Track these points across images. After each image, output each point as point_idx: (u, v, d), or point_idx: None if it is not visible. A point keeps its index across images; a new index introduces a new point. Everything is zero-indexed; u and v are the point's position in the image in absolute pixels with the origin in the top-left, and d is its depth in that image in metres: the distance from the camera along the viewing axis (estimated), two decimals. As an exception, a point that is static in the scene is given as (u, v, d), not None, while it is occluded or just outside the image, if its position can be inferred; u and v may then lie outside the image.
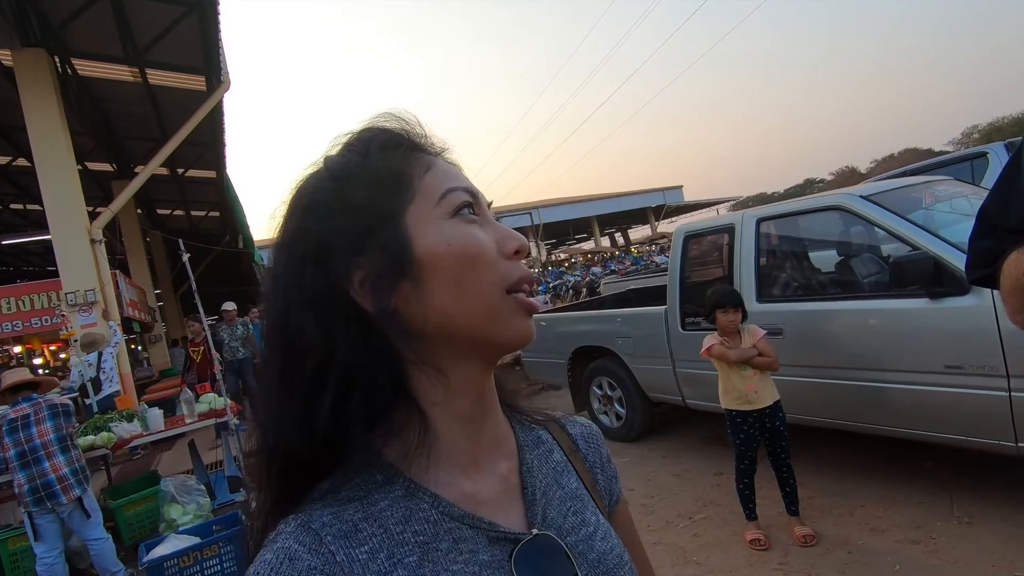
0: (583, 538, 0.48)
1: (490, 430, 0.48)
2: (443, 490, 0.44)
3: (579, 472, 0.54)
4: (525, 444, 0.52)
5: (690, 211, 36.43)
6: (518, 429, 0.53)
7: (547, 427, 0.56)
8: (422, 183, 0.45)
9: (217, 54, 6.81)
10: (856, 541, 2.55)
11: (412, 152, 0.47)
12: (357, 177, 0.45)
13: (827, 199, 3.15)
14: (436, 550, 0.41)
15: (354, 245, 0.43)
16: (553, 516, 0.48)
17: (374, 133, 0.48)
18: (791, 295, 3.23)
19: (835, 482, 3.09)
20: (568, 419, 0.60)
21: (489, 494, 0.46)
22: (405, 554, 0.40)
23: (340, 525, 0.40)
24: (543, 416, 0.57)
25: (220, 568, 3.29)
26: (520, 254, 0.46)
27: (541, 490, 0.49)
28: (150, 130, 8.90)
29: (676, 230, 4.05)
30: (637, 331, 4.15)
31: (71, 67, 7.02)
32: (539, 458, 0.52)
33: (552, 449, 0.54)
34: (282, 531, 0.40)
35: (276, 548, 0.39)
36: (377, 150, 0.46)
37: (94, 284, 5.86)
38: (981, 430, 2.46)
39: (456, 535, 0.42)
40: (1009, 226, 0.67)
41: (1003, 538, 2.35)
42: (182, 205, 13.50)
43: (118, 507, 3.86)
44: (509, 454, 0.50)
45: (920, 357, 2.59)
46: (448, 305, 0.43)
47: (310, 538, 0.39)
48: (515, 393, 0.55)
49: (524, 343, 0.45)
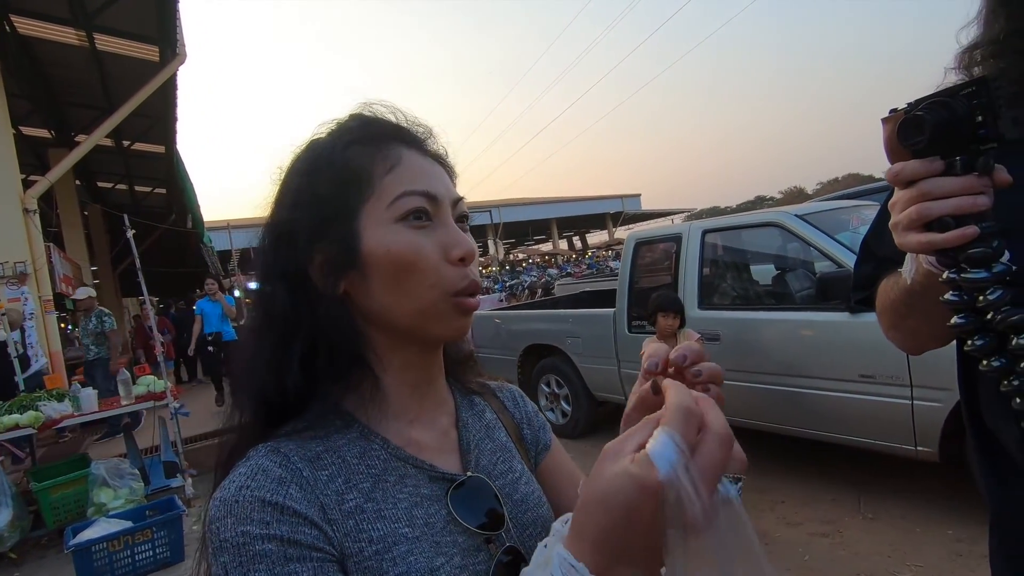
0: (509, 482, 0.56)
1: (434, 393, 0.57)
2: (392, 436, 0.51)
3: (507, 428, 0.63)
4: (462, 406, 0.60)
5: (647, 219, 37.34)
6: (457, 394, 0.61)
7: (481, 393, 0.65)
8: (381, 183, 0.50)
9: (173, 25, 6.54)
10: (773, 534, 2.75)
11: (383, 145, 0.51)
12: (325, 171, 0.51)
13: (765, 215, 3.37)
14: (385, 481, 0.48)
15: (315, 232, 0.49)
16: (484, 463, 0.56)
17: (350, 126, 0.53)
18: (729, 304, 3.43)
19: (760, 479, 3.31)
20: (498, 385, 0.68)
21: (431, 443, 0.54)
22: (359, 481, 0.47)
23: (304, 452, 0.47)
24: (478, 384, 0.65)
25: (152, 553, 3.21)
26: (466, 261, 0.51)
27: (475, 442, 0.57)
28: (94, 98, 8.43)
29: (628, 237, 4.22)
30: (586, 331, 4.29)
31: (9, 24, 6.58)
32: (473, 417, 0.60)
33: (484, 410, 0.63)
34: (254, 454, 0.47)
35: (250, 464, 0.45)
36: (348, 145, 0.51)
37: (26, 256, 5.55)
38: (888, 434, 2.71)
39: (402, 472, 0.50)
40: (884, 255, 0.79)
41: (900, 532, 2.60)
42: (126, 179, 12.82)
43: (42, 490, 3.69)
44: (449, 413, 0.58)
45: (839, 366, 2.82)
46: (386, 300, 0.49)
47: (279, 458, 0.46)
48: (459, 366, 0.64)
49: (457, 338, 0.53)
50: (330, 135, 0.53)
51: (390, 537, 0.46)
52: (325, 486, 0.46)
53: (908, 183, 0.54)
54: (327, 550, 0.43)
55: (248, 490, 0.43)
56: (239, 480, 0.44)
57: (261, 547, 0.40)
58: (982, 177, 0.51)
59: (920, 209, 0.53)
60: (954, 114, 0.49)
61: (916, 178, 0.53)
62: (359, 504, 0.46)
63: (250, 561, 0.40)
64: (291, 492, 0.43)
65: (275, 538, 0.41)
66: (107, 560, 3.06)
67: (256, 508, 0.42)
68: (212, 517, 0.43)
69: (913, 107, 0.52)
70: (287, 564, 0.40)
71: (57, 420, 3.81)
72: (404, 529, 0.46)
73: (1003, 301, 0.50)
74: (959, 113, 0.49)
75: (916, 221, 0.53)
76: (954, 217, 0.51)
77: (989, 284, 0.51)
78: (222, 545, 0.41)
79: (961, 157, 0.51)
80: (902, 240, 0.56)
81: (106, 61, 7.48)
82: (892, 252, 0.66)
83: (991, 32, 0.74)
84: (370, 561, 0.44)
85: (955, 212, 0.51)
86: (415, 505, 0.48)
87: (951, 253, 0.52)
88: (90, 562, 3.01)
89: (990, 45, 0.73)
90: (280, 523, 0.41)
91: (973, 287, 0.52)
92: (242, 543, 0.41)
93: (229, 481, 0.45)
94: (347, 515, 0.45)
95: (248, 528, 0.41)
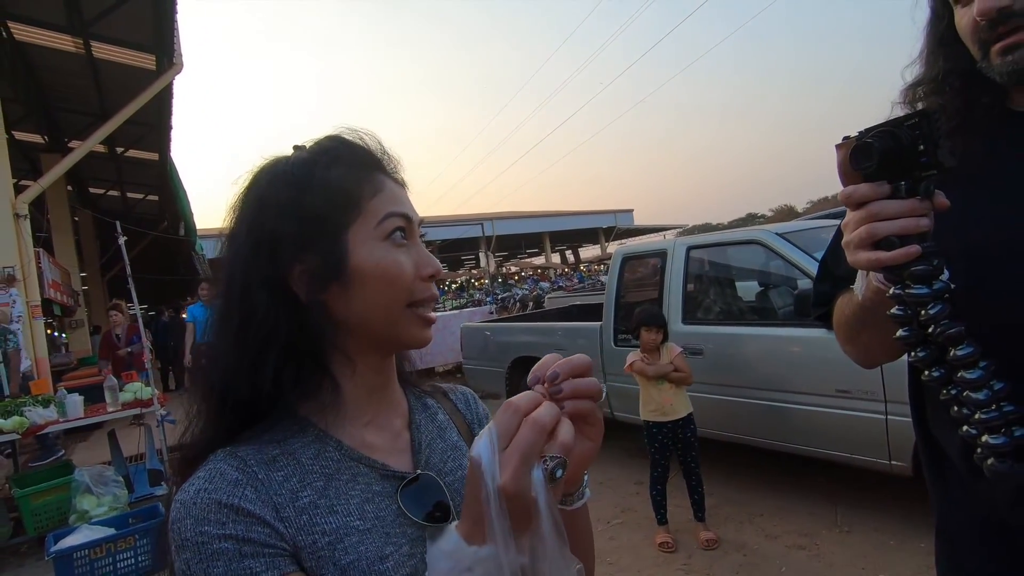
0: (459, 478, 0.60)
1: (388, 397, 0.61)
2: (347, 439, 0.55)
3: (459, 429, 0.67)
4: (415, 408, 0.64)
5: (639, 235, 37.51)
6: (411, 397, 0.66)
7: (434, 396, 0.69)
8: (368, 205, 0.54)
9: (171, 34, 6.61)
10: (752, 546, 2.79)
11: (367, 171, 0.56)
12: (316, 187, 0.54)
13: (747, 233, 3.45)
14: (338, 480, 0.53)
15: (300, 244, 0.53)
16: (435, 462, 0.60)
17: (340, 150, 0.57)
18: (712, 319, 3.50)
19: (739, 492, 3.36)
20: (451, 388, 0.73)
21: (384, 444, 0.58)
22: (313, 479, 0.51)
23: (261, 456, 0.51)
24: (431, 387, 0.71)
25: (135, 561, 3.19)
26: (434, 278, 0.57)
27: (426, 443, 0.61)
28: (89, 104, 8.46)
29: (615, 252, 4.30)
30: (573, 344, 4.34)
31: (6, 30, 6.62)
32: (426, 419, 0.64)
33: (437, 412, 0.67)
34: (212, 458, 0.51)
35: (208, 468, 0.50)
36: (337, 165, 0.55)
37: (14, 261, 5.54)
38: (864, 449, 2.77)
39: (355, 471, 0.54)
40: (840, 274, 0.84)
41: (875, 545, 2.65)
42: (118, 185, 12.81)
43: (23, 496, 3.66)
44: (402, 415, 0.63)
45: (817, 381, 2.89)
46: (364, 309, 0.54)
47: (236, 461, 0.50)
48: (410, 372, 0.69)
49: (420, 346, 0.59)
50: (312, 153, 0.57)
51: (342, 529, 0.50)
52: (280, 486, 0.50)
53: (859, 204, 0.59)
54: (279, 546, 0.47)
55: (206, 493, 0.47)
56: (198, 484, 0.48)
57: (218, 545, 0.45)
58: (924, 201, 0.56)
59: (869, 229, 0.58)
60: (899, 143, 0.55)
61: (865, 200, 0.58)
62: (313, 500, 0.50)
63: (209, 558, 0.45)
64: (246, 494, 0.47)
65: (231, 537, 0.45)
66: (88, 568, 3.04)
67: (213, 509, 0.46)
68: (173, 518, 0.47)
69: (864, 135, 0.58)
70: (243, 560, 0.45)
71: (42, 426, 3.79)
72: (356, 522, 0.51)
73: (943, 315, 0.56)
74: (904, 142, 0.55)
75: (865, 240, 0.59)
76: (899, 237, 0.56)
77: (930, 299, 0.56)
78: (183, 544, 0.46)
79: (905, 182, 0.56)
80: (853, 257, 0.61)
81: (102, 68, 7.53)
82: (848, 271, 0.72)
83: (931, 71, 0.81)
84: (323, 551, 0.48)
85: (900, 232, 0.56)
86: (367, 501, 0.53)
87: (896, 270, 0.57)
88: (71, 569, 2.99)
89: (931, 83, 0.80)
90: (235, 523, 0.46)
91: (916, 302, 0.57)
92: (201, 542, 0.45)
93: (189, 484, 0.49)
94: (300, 511, 0.49)
95: (206, 528, 0.45)
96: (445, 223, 30.21)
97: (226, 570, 0.45)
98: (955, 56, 0.76)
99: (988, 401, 0.56)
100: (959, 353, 0.56)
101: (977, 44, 0.71)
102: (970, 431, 0.58)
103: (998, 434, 0.56)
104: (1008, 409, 0.56)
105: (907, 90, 0.83)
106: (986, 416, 0.56)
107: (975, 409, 0.57)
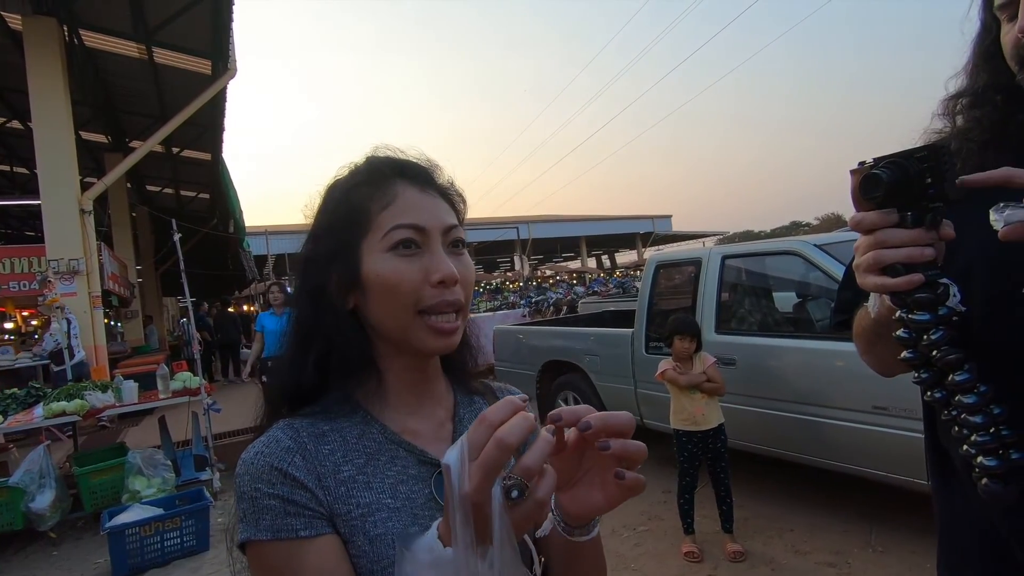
0: None
1: (431, 390, 0.67)
2: (391, 424, 0.62)
3: None
4: (462, 403, 0.70)
5: (677, 241, 36.98)
6: (459, 393, 0.71)
7: (482, 394, 0.74)
8: (378, 219, 0.60)
9: (227, 41, 6.93)
10: (780, 561, 2.75)
11: (383, 185, 0.62)
12: (337, 210, 0.63)
13: (784, 244, 3.40)
14: (378, 459, 0.59)
15: (329, 259, 0.62)
16: None
17: (360, 170, 0.65)
18: (746, 329, 3.47)
19: (769, 506, 3.31)
20: (500, 388, 0.76)
21: (426, 432, 0.64)
22: (355, 456, 0.59)
23: (313, 429, 0.59)
24: (482, 385, 0.75)
25: (180, 541, 3.38)
26: (445, 284, 0.59)
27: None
28: (149, 107, 8.94)
29: (649, 259, 4.29)
30: (605, 350, 4.35)
31: (78, 37, 7.08)
32: (470, 414, 0.70)
33: (482, 408, 0.71)
34: (272, 428, 0.60)
35: (267, 435, 0.58)
36: (355, 187, 0.63)
37: (79, 254, 5.91)
38: (901, 467, 2.69)
39: (394, 453, 0.60)
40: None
41: (908, 566, 2.58)
42: (172, 184, 13.44)
43: (83, 474, 3.92)
44: (447, 408, 0.69)
45: (853, 397, 2.83)
46: (379, 315, 0.61)
47: (291, 431, 0.58)
48: (462, 370, 0.73)
49: (434, 354, 0.63)
50: (344, 178, 0.66)
51: (374, 504, 0.56)
52: (325, 458, 0.57)
53: (868, 231, 0.62)
54: (318, 510, 0.54)
55: (262, 456, 0.55)
56: (258, 446, 0.57)
57: (267, 502, 0.53)
58: (930, 231, 0.58)
59: (876, 255, 0.61)
60: (906, 174, 0.57)
61: (874, 228, 0.61)
62: (352, 475, 0.57)
63: (260, 511, 0.53)
64: (295, 461, 0.55)
65: (278, 496, 0.53)
66: (139, 544, 3.24)
67: (266, 471, 0.54)
68: (237, 472, 0.56)
69: (875, 164, 0.60)
70: (287, 517, 0.53)
71: (100, 409, 4.05)
72: (387, 500, 0.57)
73: (943, 341, 0.58)
74: (911, 174, 0.57)
75: (873, 265, 0.61)
76: (904, 264, 0.59)
77: (932, 325, 0.59)
78: (242, 495, 0.55)
79: (912, 212, 0.58)
80: (862, 280, 0.64)
81: (161, 72, 7.95)
82: None
83: (973, 84, 0.82)
84: (356, 522, 0.55)
85: (905, 260, 0.59)
86: (401, 482, 0.59)
87: (901, 295, 0.60)
88: (123, 545, 3.20)
89: (972, 95, 0.81)
90: (283, 485, 0.54)
91: (918, 327, 0.60)
92: (254, 496, 0.54)
93: (252, 445, 0.58)
94: (340, 483, 0.56)
95: (259, 486, 0.54)
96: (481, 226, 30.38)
97: (272, 523, 0.53)
98: (998, 71, 0.76)
99: (985, 424, 0.58)
100: (957, 379, 0.58)
101: (1016, 60, 0.71)
102: (969, 451, 0.60)
103: (993, 456, 0.58)
104: (1004, 433, 0.58)
105: (947, 101, 0.83)
106: (981, 439, 0.58)
107: (972, 431, 0.59)
